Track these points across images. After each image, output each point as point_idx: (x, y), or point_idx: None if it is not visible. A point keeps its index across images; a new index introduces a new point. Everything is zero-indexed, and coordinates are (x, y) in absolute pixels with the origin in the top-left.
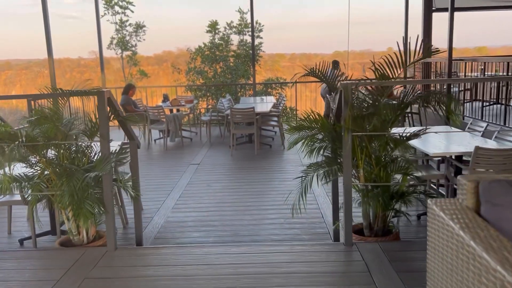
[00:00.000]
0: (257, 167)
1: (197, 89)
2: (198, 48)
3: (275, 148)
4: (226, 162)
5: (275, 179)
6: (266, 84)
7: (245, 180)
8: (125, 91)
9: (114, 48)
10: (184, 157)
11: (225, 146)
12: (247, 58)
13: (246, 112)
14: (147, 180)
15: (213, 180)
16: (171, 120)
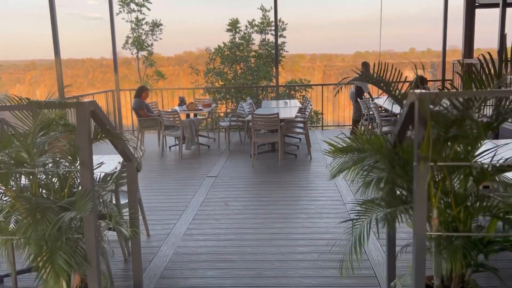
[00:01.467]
0: (281, 181)
1: (216, 91)
2: (217, 48)
3: (300, 158)
4: (247, 175)
5: (303, 197)
6: (289, 86)
7: (268, 198)
8: (138, 94)
9: (130, 47)
10: (200, 168)
11: (245, 155)
12: (269, 58)
13: (270, 119)
14: (158, 196)
15: (232, 197)
16: (187, 126)
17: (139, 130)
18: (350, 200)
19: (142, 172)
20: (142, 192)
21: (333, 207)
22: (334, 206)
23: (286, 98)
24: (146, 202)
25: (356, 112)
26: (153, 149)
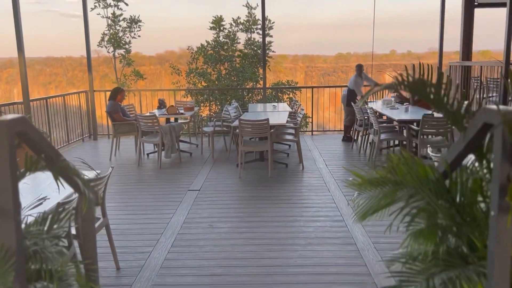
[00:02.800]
0: (273, 197)
1: (198, 93)
2: (200, 46)
3: (291, 168)
4: (233, 188)
5: (298, 217)
6: (277, 88)
7: (259, 218)
8: (112, 96)
9: (106, 45)
10: (181, 180)
11: (231, 164)
12: (255, 58)
13: (259, 125)
14: (132, 216)
15: (217, 216)
16: (166, 132)
17: (114, 136)
18: (352, 221)
19: (114, 185)
20: (113, 210)
21: (334, 230)
22: (335, 229)
23: (273, 101)
24: (117, 223)
25: (347, 117)
26: (129, 156)
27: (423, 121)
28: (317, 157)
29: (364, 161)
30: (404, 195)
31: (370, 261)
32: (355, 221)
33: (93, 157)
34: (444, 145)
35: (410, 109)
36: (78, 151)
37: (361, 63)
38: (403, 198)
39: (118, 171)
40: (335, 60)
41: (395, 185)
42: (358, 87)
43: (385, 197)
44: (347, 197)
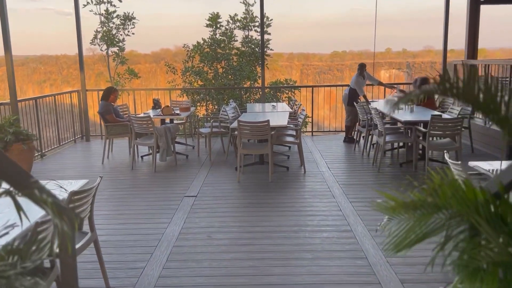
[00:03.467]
0: (274, 203)
1: (194, 92)
2: (196, 44)
3: (293, 171)
4: (232, 194)
5: (303, 226)
6: (276, 88)
7: (260, 228)
8: (105, 96)
9: (99, 43)
10: (177, 184)
11: (229, 167)
12: (253, 57)
13: (259, 127)
14: (124, 225)
15: (216, 226)
16: (161, 134)
17: (107, 138)
18: (360, 231)
19: (106, 191)
20: (104, 219)
21: (342, 242)
22: (343, 240)
23: (271, 100)
24: (108, 234)
25: (349, 117)
26: (122, 158)
27: (432, 123)
28: (319, 160)
29: (368, 164)
30: (452, 224)
31: (384, 278)
32: (387, 253)
33: (85, 160)
34: (452, 148)
35: (415, 109)
36: (69, 153)
37: (364, 62)
38: (450, 227)
39: (111, 174)
40: (331, 58)
41: (437, 210)
42: (360, 86)
43: (425, 224)
44: (354, 204)
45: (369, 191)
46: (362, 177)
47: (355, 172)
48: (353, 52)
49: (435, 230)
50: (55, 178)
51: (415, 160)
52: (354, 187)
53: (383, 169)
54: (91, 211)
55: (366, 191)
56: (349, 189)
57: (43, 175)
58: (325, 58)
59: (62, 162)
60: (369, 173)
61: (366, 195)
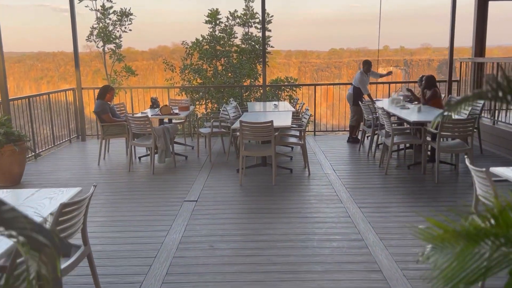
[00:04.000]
0: (279, 209)
1: (193, 90)
2: (195, 41)
3: (297, 174)
4: (234, 199)
5: (311, 235)
6: (277, 86)
7: (266, 237)
8: (101, 95)
9: (95, 40)
10: (176, 188)
11: (231, 169)
12: (253, 54)
13: (262, 128)
14: (120, 234)
15: (219, 234)
16: (160, 134)
17: (103, 138)
18: (372, 241)
19: (102, 195)
20: (99, 227)
21: (354, 252)
22: (355, 251)
23: (272, 99)
24: (103, 243)
25: (354, 117)
26: (119, 159)
27: (443, 123)
28: (323, 161)
29: (375, 166)
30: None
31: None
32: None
33: (81, 161)
34: (463, 150)
35: (422, 108)
36: (64, 154)
37: (369, 59)
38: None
39: (107, 177)
40: (329, 56)
41: (497, 240)
42: (364, 85)
43: (481, 257)
44: (363, 209)
45: (377, 195)
46: (369, 180)
47: (362, 174)
48: (351, 50)
49: (499, 264)
50: (49, 181)
51: (424, 163)
52: (361, 191)
53: (390, 171)
54: (84, 223)
55: (374, 196)
56: (356, 193)
57: (36, 178)
58: (323, 56)
59: (56, 164)
60: (376, 176)
61: (375, 199)
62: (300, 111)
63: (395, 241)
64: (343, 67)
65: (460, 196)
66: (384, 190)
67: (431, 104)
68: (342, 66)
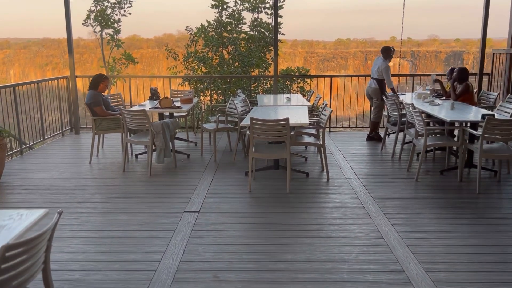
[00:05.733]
0: (297, 224)
1: (197, 80)
2: (200, 27)
3: (314, 178)
4: (244, 210)
5: (338, 262)
6: (288, 77)
7: (284, 263)
8: (93, 85)
9: (92, 24)
10: (175, 195)
11: (238, 172)
12: (263, 42)
13: (277, 126)
14: (106, 257)
15: (225, 259)
16: (158, 131)
17: (95, 133)
18: (416, 273)
19: (90, 202)
20: (81, 246)
21: None
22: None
23: (282, 91)
24: (83, 270)
25: (378, 113)
26: (114, 157)
27: (488, 124)
28: (342, 163)
29: (401, 170)
30: None
31: None
32: None
33: (72, 157)
34: (509, 155)
35: (455, 106)
36: (55, 149)
37: (390, 46)
38: None
39: (98, 179)
40: (335, 46)
41: None
42: (389, 75)
43: None
44: (397, 227)
45: (410, 208)
46: (398, 188)
47: (389, 181)
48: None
49: None
50: (32, 182)
51: (461, 168)
52: (391, 202)
53: (421, 178)
54: (46, 262)
55: (407, 208)
56: (386, 205)
57: (18, 177)
58: (329, 46)
59: (44, 160)
60: (405, 183)
61: (409, 214)
62: (317, 106)
63: (444, 273)
64: (349, 58)
65: (508, 209)
66: (417, 202)
67: (461, 99)
68: (349, 56)
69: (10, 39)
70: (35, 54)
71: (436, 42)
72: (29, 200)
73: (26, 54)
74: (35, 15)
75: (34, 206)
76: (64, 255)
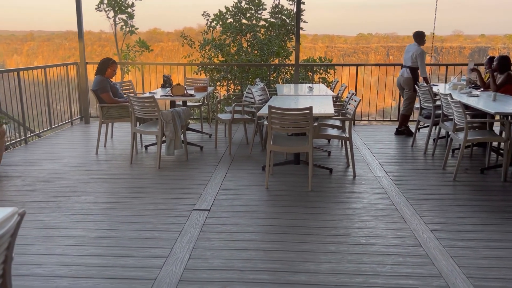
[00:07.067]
0: (320, 228)
1: (214, 69)
2: (218, 13)
3: (338, 175)
4: (260, 209)
5: (371, 275)
6: (311, 65)
7: (306, 274)
8: (100, 70)
9: (105, 9)
10: (185, 190)
11: (254, 165)
12: (283, 29)
13: (298, 116)
14: (102, 261)
15: (237, 267)
16: (169, 120)
17: (102, 122)
18: None
19: (91, 196)
20: (73, 248)
21: None
22: None
23: (303, 82)
24: (74, 276)
25: (409, 105)
26: (123, 147)
27: None
28: (370, 159)
29: (436, 168)
30: None
31: None
32: None
33: (78, 148)
34: None
35: (497, 97)
36: (62, 139)
37: (423, 31)
38: None
39: (103, 171)
40: (356, 41)
41: None
42: (424, 62)
43: None
44: (437, 234)
45: (450, 211)
46: (434, 188)
47: (423, 179)
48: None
49: None
50: (30, 172)
51: (505, 167)
52: (427, 203)
53: (459, 177)
54: (4, 277)
55: (447, 212)
56: (422, 208)
57: (18, 168)
58: (350, 41)
59: (48, 150)
60: (441, 182)
61: (449, 218)
62: (341, 96)
63: None
64: (370, 53)
65: None
66: (457, 204)
67: (502, 90)
68: (370, 51)
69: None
70: (58, 46)
71: (460, 38)
72: (25, 193)
73: (49, 46)
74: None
75: (28, 200)
76: (54, 257)
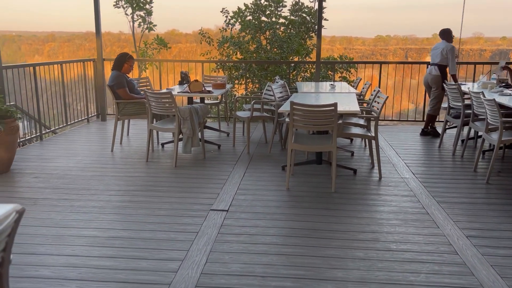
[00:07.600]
0: (346, 232)
1: (232, 67)
2: (237, 10)
3: (362, 176)
4: (280, 210)
5: (405, 285)
6: (332, 63)
7: (332, 282)
8: (117, 65)
9: (123, 6)
10: (202, 189)
11: (274, 165)
12: (304, 27)
13: (321, 113)
14: (113, 264)
15: (257, 273)
16: (186, 116)
17: (118, 118)
18: None
19: (104, 195)
20: (84, 249)
21: None
22: None
23: (324, 80)
24: (83, 279)
25: (436, 104)
26: (139, 145)
27: None
28: (395, 160)
29: (466, 169)
30: None
31: None
32: None
33: (94, 145)
34: None
35: None
36: (78, 136)
37: (448, 28)
38: None
39: (118, 168)
40: (374, 43)
41: None
42: (454, 58)
43: None
44: (473, 240)
45: (486, 216)
46: (466, 191)
47: (453, 181)
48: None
49: None
50: (45, 169)
51: None
52: (460, 207)
53: (492, 180)
54: (1, 282)
55: (482, 217)
56: (455, 212)
57: (32, 164)
58: (368, 42)
59: (64, 147)
60: (473, 184)
61: (485, 224)
62: (365, 94)
63: None
64: (389, 55)
65: None
66: (492, 208)
67: None
68: (388, 54)
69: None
70: (78, 47)
71: (481, 40)
72: (37, 190)
73: (69, 47)
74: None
75: (39, 197)
76: (63, 258)
